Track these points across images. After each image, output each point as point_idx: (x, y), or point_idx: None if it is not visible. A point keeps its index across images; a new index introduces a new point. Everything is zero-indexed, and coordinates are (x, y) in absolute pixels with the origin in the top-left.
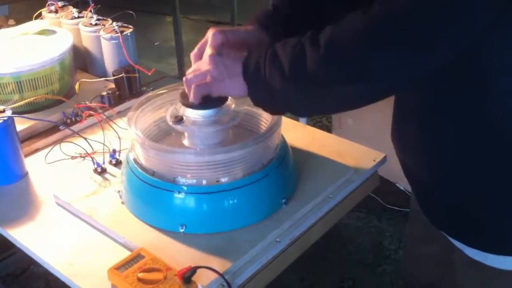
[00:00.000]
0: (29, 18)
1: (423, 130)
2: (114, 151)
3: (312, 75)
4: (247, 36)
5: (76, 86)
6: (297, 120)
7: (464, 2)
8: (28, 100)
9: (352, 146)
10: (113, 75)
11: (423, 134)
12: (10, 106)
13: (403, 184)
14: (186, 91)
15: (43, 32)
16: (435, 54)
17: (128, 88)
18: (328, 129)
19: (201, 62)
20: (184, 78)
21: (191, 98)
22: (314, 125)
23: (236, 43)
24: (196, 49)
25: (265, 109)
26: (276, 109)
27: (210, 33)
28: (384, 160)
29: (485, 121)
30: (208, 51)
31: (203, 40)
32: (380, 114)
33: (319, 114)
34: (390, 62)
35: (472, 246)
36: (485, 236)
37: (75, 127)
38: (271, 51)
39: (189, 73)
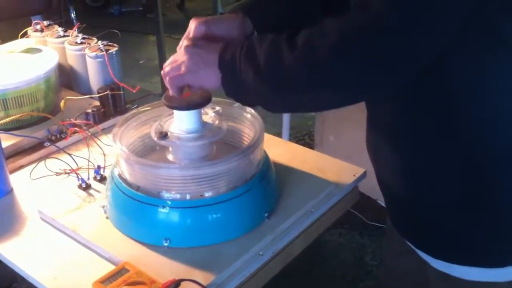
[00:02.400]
0: (14, 37)
1: (391, 141)
2: (99, 167)
3: (285, 75)
4: (231, 26)
5: (61, 104)
6: (280, 137)
7: (427, 24)
8: (14, 117)
9: (333, 162)
10: (98, 93)
11: (391, 144)
12: None
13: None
14: (165, 83)
15: (28, 51)
16: (398, 72)
17: (113, 106)
18: (310, 146)
19: (177, 54)
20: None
21: (169, 90)
22: (296, 142)
23: (218, 34)
24: (181, 42)
25: (237, 100)
26: (247, 102)
27: (192, 24)
28: (364, 175)
29: (448, 134)
30: (184, 42)
31: (187, 32)
32: (361, 131)
33: (288, 112)
34: (355, 74)
35: (437, 257)
36: (450, 247)
37: (60, 144)
38: (248, 45)
39: (166, 65)
